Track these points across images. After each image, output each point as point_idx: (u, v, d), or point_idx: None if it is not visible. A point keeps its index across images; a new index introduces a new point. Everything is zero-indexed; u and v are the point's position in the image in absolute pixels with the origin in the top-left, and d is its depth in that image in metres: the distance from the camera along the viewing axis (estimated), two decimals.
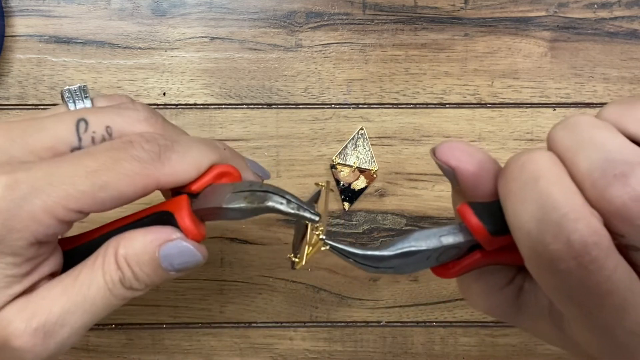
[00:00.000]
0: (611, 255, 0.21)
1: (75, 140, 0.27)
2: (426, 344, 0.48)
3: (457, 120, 0.48)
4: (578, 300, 0.22)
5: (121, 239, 0.28)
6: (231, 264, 0.47)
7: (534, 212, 0.22)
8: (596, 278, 0.21)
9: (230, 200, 0.27)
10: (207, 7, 0.47)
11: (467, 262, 0.26)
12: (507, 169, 0.24)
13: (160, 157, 0.27)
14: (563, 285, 0.22)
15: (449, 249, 0.26)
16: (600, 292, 0.21)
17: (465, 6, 0.48)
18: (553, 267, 0.21)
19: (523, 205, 0.22)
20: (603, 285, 0.21)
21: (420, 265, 0.26)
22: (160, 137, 0.28)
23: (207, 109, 0.47)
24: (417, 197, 0.47)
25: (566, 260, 0.21)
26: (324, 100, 0.47)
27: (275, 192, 0.27)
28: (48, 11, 0.47)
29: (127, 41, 0.47)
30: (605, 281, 0.21)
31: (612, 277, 0.21)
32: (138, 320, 0.47)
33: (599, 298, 0.21)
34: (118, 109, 0.29)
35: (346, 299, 0.48)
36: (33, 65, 0.47)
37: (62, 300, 0.27)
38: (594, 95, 0.48)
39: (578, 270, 0.21)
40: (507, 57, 0.48)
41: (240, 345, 0.48)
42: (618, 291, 0.21)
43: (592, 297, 0.21)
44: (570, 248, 0.21)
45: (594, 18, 0.48)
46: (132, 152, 0.26)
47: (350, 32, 0.48)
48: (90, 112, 0.28)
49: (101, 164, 0.26)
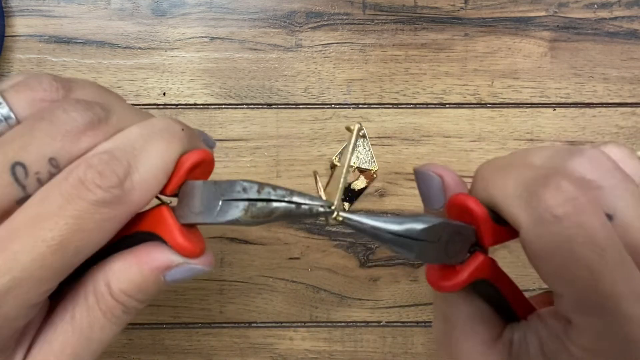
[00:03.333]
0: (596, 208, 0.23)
1: (19, 191, 0.23)
2: (426, 344, 0.48)
3: (457, 120, 0.48)
4: (574, 268, 0.23)
5: (109, 271, 0.25)
6: (231, 264, 0.47)
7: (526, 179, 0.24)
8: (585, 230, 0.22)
9: (225, 213, 0.24)
10: (207, 7, 0.47)
11: (472, 266, 0.26)
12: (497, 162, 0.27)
13: (124, 187, 0.23)
14: (558, 250, 0.23)
15: (454, 235, 0.25)
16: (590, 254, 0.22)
17: (465, 6, 0.48)
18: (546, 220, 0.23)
19: (512, 180, 0.25)
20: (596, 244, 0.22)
21: (430, 249, 0.25)
22: (112, 156, 0.23)
23: (207, 109, 0.47)
24: (417, 197, 0.47)
25: (561, 205, 0.22)
26: (324, 100, 0.47)
27: (280, 199, 0.24)
28: (48, 11, 0.47)
29: (127, 41, 0.47)
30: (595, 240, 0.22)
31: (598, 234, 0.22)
32: (138, 320, 0.47)
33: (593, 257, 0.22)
34: (46, 120, 0.23)
35: (346, 299, 0.48)
36: (33, 65, 0.47)
37: (67, 353, 0.24)
38: (594, 95, 0.48)
39: (572, 216, 0.22)
40: (507, 57, 0.48)
41: (240, 345, 0.48)
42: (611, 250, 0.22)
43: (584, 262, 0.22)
44: (559, 193, 0.23)
45: (594, 18, 0.48)
46: (90, 197, 0.22)
47: (350, 32, 0.48)
48: (22, 147, 0.23)
49: (63, 229, 0.22)
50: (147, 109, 0.47)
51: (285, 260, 0.47)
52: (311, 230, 0.47)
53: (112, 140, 0.24)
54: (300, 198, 0.24)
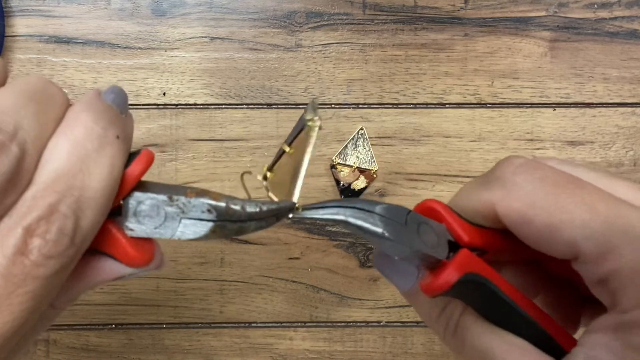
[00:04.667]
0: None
1: None
2: (426, 344, 0.48)
3: (457, 120, 0.48)
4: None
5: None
6: (231, 264, 0.47)
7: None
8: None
9: (187, 230, 0.22)
10: (207, 7, 0.47)
11: (459, 258, 0.23)
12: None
13: (76, 242, 0.19)
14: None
15: (423, 225, 0.24)
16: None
17: (465, 6, 0.48)
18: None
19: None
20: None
21: (399, 229, 0.23)
22: (52, 211, 0.19)
23: (207, 109, 0.47)
24: (417, 197, 0.47)
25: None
26: (324, 100, 0.47)
27: (248, 219, 0.22)
28: (48, 11, 0.47)
29: (127, 41, 0.47)
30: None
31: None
32: (138, 320, 0.47)
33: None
34: None
35: (346, 299, 0.48)
36: (33, 65, 0.47)
37: None
38: (594, 95, 0.48)
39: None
40: (507, 57, 0.48)
41: (240, 345, 0.48)
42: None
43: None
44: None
45: (594, 18, 0.48)
46: (41, 272, 0.18)
47: (350, 32, 0.48)
48: None
49: (17, 317, 0.19)
50: (147, 109, 0.47)
51: (285, 260, 0.47)
52: (311, 231, 0.47)
53: (41, 178, 0.19)
54: (262, 206, 0.22)
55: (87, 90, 0.47)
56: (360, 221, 0.23)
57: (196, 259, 0.47)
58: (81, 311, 0.47)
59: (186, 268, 0.47)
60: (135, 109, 0.47)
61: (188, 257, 0.47)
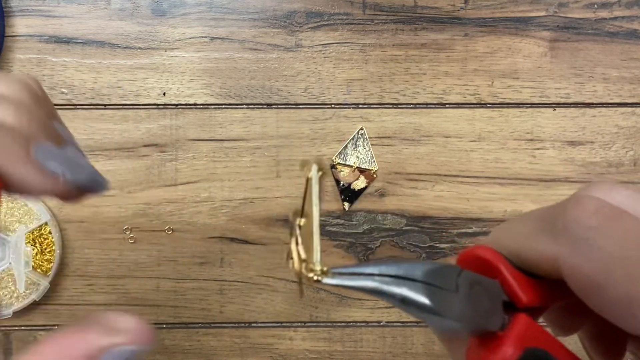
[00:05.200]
0: None
1: None
2: (426, 344, 0.48)
3: (457, 120, 0.48)
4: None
5: None
6: (231, 264, 0.47)
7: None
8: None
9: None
10: (207, 7, 0.47)
11: (517, 329, 0.21)
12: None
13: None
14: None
15: (474, 286, 0.21)
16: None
17: (465, 6, 0.48)
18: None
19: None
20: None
21: (450, 300, 0.20)
22: None
23: (207, 109, 0.47)
24: (417, 197, 0.47)
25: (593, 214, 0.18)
26: (324, 100, 0.47)
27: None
28: (48, 11, 0.47)
29: (127, 41, 0.47)
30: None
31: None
32: None
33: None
34: None
35: (346, 299, 0.48)
36: (33, 65, 0.47)
37: None
38: (594, 95, 0.48)
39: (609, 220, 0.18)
40: (507, 57, 0.48)
41: (240, 345, 0.48)
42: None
43: None
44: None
45: (594, 18, 0.48)
46: None
47: (350, 32, 0.48)
48: None
49: None
50: (147, 109, 0.47)
51: (285, 260, 0.47)
52: None
53: None
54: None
55: (87, 90, 0.47)
56: (405, 292, 0.20)
57: (196, 259, 0.47)
58: (81, 311, 0.47)
59: (186, 268, 0.47)
60: (135, 109, 0.47)
61: (188, 257, 0.47)
